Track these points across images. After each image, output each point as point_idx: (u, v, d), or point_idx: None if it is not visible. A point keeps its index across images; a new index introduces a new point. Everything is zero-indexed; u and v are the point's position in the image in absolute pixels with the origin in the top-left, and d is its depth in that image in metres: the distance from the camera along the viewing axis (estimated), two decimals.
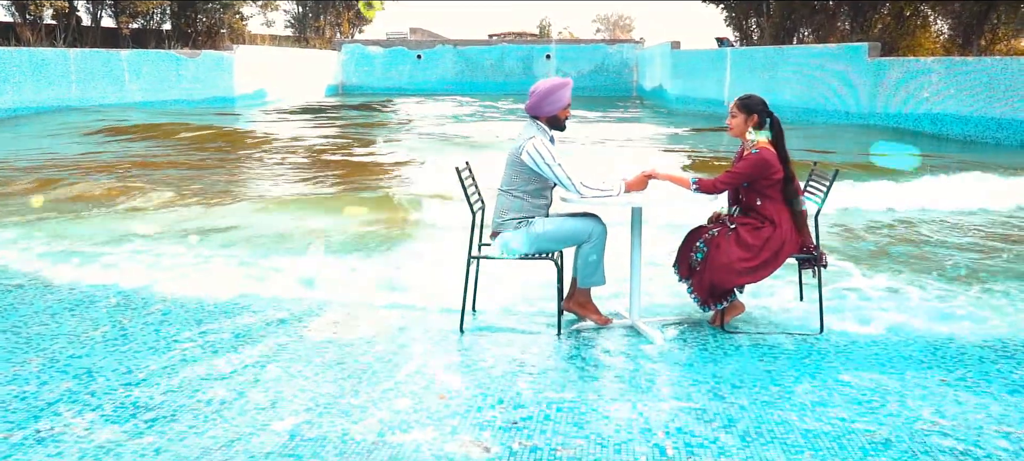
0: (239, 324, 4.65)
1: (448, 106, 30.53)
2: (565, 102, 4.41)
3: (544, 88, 4.38)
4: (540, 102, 4.38)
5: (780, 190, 4.53)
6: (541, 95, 4.37)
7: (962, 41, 24.70)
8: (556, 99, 4.38)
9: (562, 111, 4.43)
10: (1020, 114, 16.89)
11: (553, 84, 4.38)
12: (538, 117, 4.42)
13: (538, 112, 4.41)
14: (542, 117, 4.42)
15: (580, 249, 4.50)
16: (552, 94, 4.37)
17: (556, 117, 4.44)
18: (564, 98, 4.40)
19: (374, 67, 44.43)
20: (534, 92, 4.40)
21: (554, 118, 4.43)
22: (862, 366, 4.01)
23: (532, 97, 4.40)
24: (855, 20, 28.96)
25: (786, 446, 3.12)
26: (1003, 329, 4.60)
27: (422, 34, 58.04)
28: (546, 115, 4.41)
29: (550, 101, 4.37)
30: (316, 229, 7.39)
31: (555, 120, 4.44)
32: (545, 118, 4.42)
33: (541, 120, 4.43)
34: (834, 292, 5.29)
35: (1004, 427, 3.31)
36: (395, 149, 15.41)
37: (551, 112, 4.41)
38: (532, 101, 4.40)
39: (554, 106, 4.39)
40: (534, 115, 4.43)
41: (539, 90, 4.39)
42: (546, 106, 4.38)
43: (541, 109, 4.39)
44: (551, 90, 4.37)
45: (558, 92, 4.38)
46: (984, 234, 7.43)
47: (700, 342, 4.38)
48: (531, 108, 4.42)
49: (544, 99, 4.37)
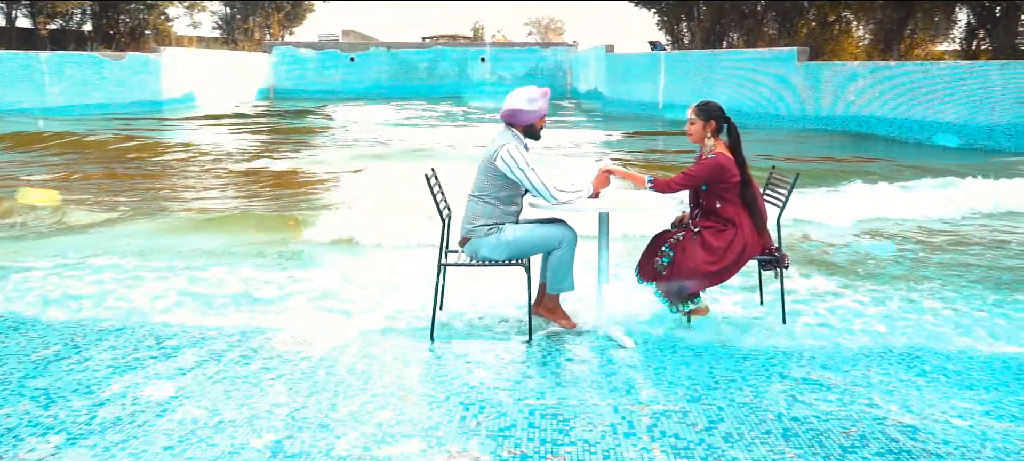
0: (197, 339, 4.50)
1: (385, 111, 30.17)
2: (542, 112, 4.41)
3: (522, 96, 4.36)
4: (518, 110, 4.36)
5: (738, 193, 4.62)
6: (519, 103, 4.35)
7: (883, 46, 25.70)
8: (533, 109, 4.37)
9: (539, 121, 4.43)
10: (940, 116, 17.67)
11: (530, 94, 4.37)
12: (514, 125, 4.41)
13: (514, 120, 4.39)
14: (518, 125, 4.41)
15: (550, 255, 4.51)
16: (530, 103, 4.35)
17: (532, 126, 4.43)
18: (541, 108, 4.39)
19: (306, 70, 43.72)
20: (511, 100, 4.38)
21: (530, 127, 4.43)
22: (827, 365, 4.13)
23: (508, 105, 4.38)
24: (782, 25, 29.86)
25: (770, 446, 3.19)
26: (944, 328, 4.80)
27: (354, 36, 57.37)
28: (522, 124, 4.40)
29: (528, 110, 4.36)
30: (255, 242, 7.12)
31: (531, 129, 4.43)
32: (521, 126, 4.41)
33: (517, 128, 4.41)
34: (790, 293, 5.42)
35: (965, 421, 3.45)
36: (333, 159, 14.92)
37: (528, 121, 4.40)
38: (508, 108, 4.38)
39: (531, 116, 4.38)
40: (509, 123, 4.41)
41: (516, 98, 4.37)
42: (523, 115, 4.37)
43: (518, 117, 4.37)
44: (529, 99, 4.36)
45: (536, 101, 4.36)
46: (916, 238, 7.74)
47: (669, 344, 4.44)
48: (507, 116, 4.40)
49: (522, 107, 4.35)
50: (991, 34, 23.01)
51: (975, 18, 23.70)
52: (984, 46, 23.57)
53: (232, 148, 16.70)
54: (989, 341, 4.54)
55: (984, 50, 23.44)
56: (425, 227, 7.18)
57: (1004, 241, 7.42)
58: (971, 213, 8.81)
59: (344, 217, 8.40)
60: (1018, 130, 16.06)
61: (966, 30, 24.53)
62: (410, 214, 7.82)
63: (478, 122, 25.13)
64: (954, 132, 17.23)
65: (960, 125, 17.17)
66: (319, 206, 9.49)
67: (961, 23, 25.12)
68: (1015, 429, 3.36)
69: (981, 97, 16.74)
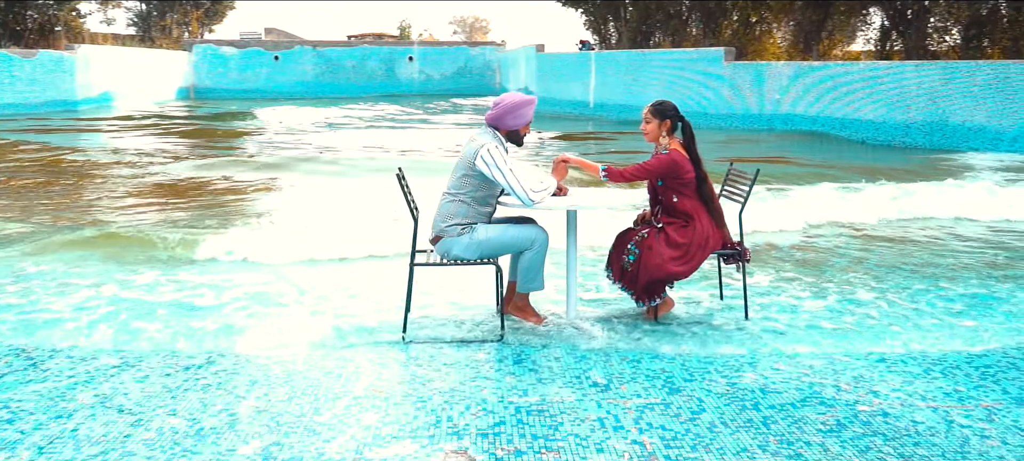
0: (161, 347, 4.37)
1: (313, 112, 29.48)
2: (528, 119, 4.47)
3: (511, 102, 4.40)
4: (504, 115, 4.40)
5: (694, 190, 4.75)
6: (506, 108, 4.39)
7: (803, 47, 26.65)
8: (520, 115, 4.42)
9: (524, 128, 4.49)
10: (859, 114, 18.43)
11: (520, 100, 4.42)
12: (498, 129, 4.44)
13: (500, 124, 4.43)
14: (503, 130, 4.45)
15: (522, 255, 4.53)
16: (518, 110, 4.40)
17: (517, 132, 4.48)
18: (528, 115, 4.46)
19: (228, 69, 42.61)
20: (499, 104, 4.41)
21: (515, 132, 4.48)
22: (793, 355, 4.28)
23: (496, 109, 4.41)
24: (706, 26, 30.63)
25: (754, 433, 3.29)
26: (895, 322, 5.04)
27: (278, 34, 56.23)
28: (508, 128, 4.44)
29: (515, 116, 4.40)
30: (185, 253, 6.80)
31: (515, 135, 4.49)
32: (506, 131, 4.45)
33: (501, 133, 4.44)
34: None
35: (932, 403, 3.63)
36: (262, 165, 13.62)
37: (513, 126, 4.44)
38: (496, 112, 4.42)
39: (518, 121, 4.43)
40: (495, 126, 4.44)
41: (505, 103, 4.41)
42: (510, 119, 4.41)
43: (503, 122, 4.42)
44: (517, 106, 4.40)
45: (523, 108, 4.42)
46: (860, 236, 8.08)
47: (639, 338, 4.52)
48: (494, 119, 4.43)
49: (509, 113, 4.40)
50: (903, 35, 24.12)
51: (888, 20, 24.81)
52: (897, 47, 24.70)
53: (152, 150, 16.15)
54: (938, 332, 4.77)
55: (897, 51, 24.56)
56: (375, 232, 7.12)
57: (936, 238, 7.81)
58: (903, 213, 9.24)
59: (283, 225, 8.25)
60: (932, 127, 16.89)
61: (880, 31, 25.66)
62: (358, 219, 7.73)
63: (408, 124, 24.85)
64: (874, 129, 18.01)
65: (879, 123, 17.95)
66: (250, 214, 9.27)
67: (875, 25, 26.27)
68: (974, 409, 3.55)
69: (897, 96, 17.54)
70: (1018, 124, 15.42)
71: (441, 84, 44.98)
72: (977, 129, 16.11)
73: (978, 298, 5.41)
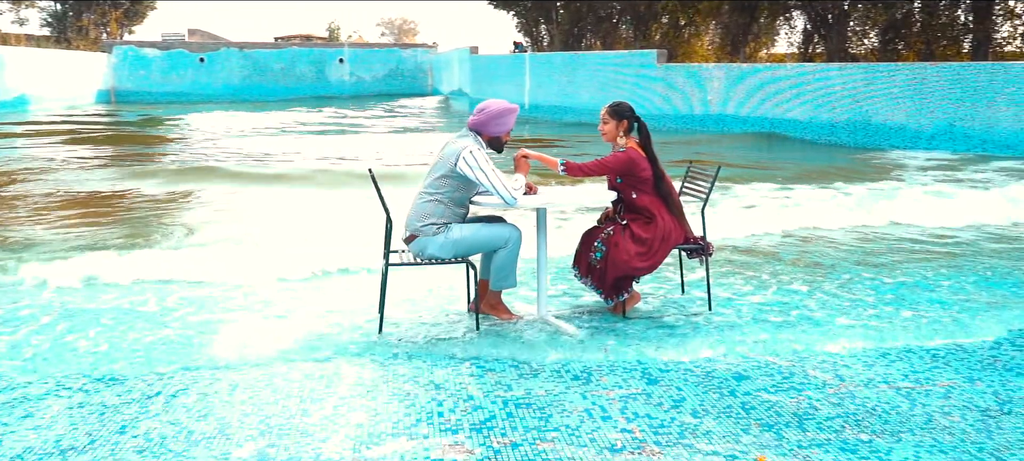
0: (132, 356, 4.27)
1: (241, 118, 28.66)
2: (510, 126, 4.58)
3: (495, 109, 4.49)
4: (488, 121, 4.49)
5: (652, 187, 4.91)
6: (491, 114, 4.48)
7: (730, 49, 27.42)
8: (504, 122, 4.53)
9: (506, 134, 4.59)
10: (788, 114, 19.10)
11: (503, 107, 4.51)
12: (481, 134, 4.51)
13: (483, 130, 4.51)
14: (485, 135, 4.53)
15: (495, 254, 4.60)
16: (502, 117, 4.50)
17: (498, 138, 4.58)
18: (510, 123, 4.57)
19: (151, 71, 41.29)
20: (483, 110, 4.49)
21: (496, 139, 4.57)
22: (759, 342, 4.46)
23: (480, 114, 4.49)
24: (637, 28, 31.21)
25: (735, 418, 3.43)
26: (847, 304, 5.30)
27: (202, 35, 54.77)
28: (491, 134, 4.53)
29: (498, 122, 4.50)
30: (134, 271, 6.57)
31: (497, 141, 4.58)
32: (488, 137, 4.53)
33: (483, 138, 4.52)
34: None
35: (894, 385, 3.85)
36: (197, 183, 11.75)
37: (496, 133, 4.53)
38: (480, 118, 4.49)
39: (501, 128, 4.54)
40: (477, 131, 4.50)
41: (489, 109, 4.50)
42: (493, 126, 4.50)
43: (487, 127, 4.50)
44: (502, 113, 4.49)
45: (507, 116, 4.52)
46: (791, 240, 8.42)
47: (610, 332, 4.64)
48: (477, 124, 4.51)
49: (493, 119, 4.49)
50: (824, 38, 25.07)
51: (810, 23, 25.75)
52: (819, 49, 25.65)
53: (68, 157, 15.56)
54: (886, 320, 5.04)
55: (819, 53, 25.50)
56: (335, 240, 7.09)
57: (870, 237, 8.19)
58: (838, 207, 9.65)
59: (225, 236, 8.10)
60: (856, 126, 17.63)
61: (803, 35, 26.61)
62: (315, 228, 7.65)
63: (338, 132, 24.42)
64: (802, 128, 18.69)
65: (806, 122, 18.63)
66: (181, 225, 9.06)
67: (798, 28, 27.22)
68: (932, 389, 3.78)
69: (823, 97, 18.24)
70: (935, 124, 16.23)
71: (373, 86, 44.58)
72: (898, 128, 16.88)
73: (919, 287, 5.71)
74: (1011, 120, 15.04)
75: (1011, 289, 5.65)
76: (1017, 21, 21.69)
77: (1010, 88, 14.99)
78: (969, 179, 12.03)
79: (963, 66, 16.18)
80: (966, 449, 3.15)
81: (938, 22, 22.65)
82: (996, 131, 15.27)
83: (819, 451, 3.13)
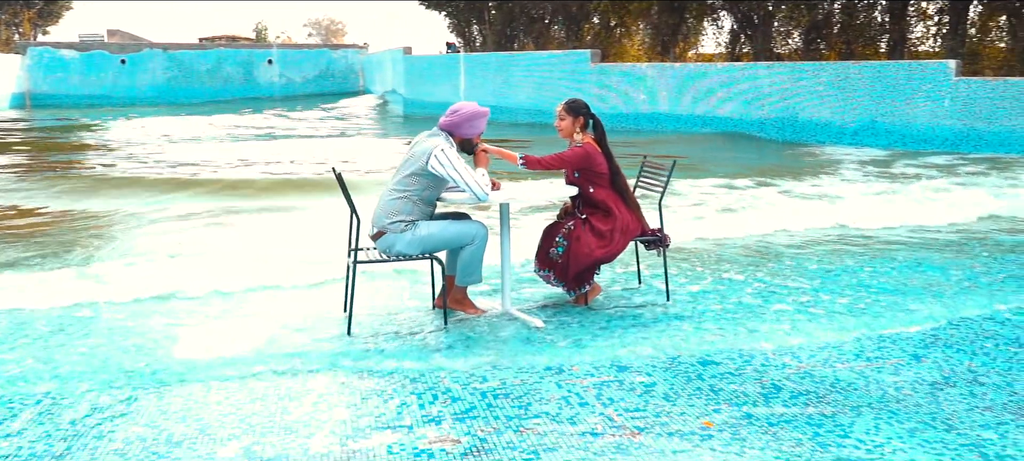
0: (96, 366, 4.19)
1: (170, 122, 27.70)
2: (482, 130, 4.66)
3: (468, 111, 4.57)
4: (462, 123, 4.56)
5: (609, 181, 5.06)
6: (465, 117, 4.55)
7: (660, 49, 28.01)
8: (475, 125, 4.61)
9: (477, 137, 4.67)
10: (719, 112, 19.64)
11: (477, 111, 4.59)
12: (453, 135, 4.57)
13: (456, 131, 4.57)
14: (458, 137, 4.58)
15: (462, 250, 4.66)
16: (474, 119, 4.58)
17: (470, 140, 4.65)
18: (482, 126, 4.65)
19: (69, 73, 39.73)
20: (456, 112, 4.55)
21: (468, 141, 4.64)
22: (719, 326, 4.64)
23: (453, 115, 4.55)
24: (569, 29, 31.58)
25: (706, 399, 3.59)
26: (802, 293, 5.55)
27: (122, 36, 52.95)
28: (462, 136, 4.61)
29: (471, 125, 4.58)
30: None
31: (468, 143, 4.65)
32: (460, 138, 4.59)
33: (454, 139, 4.58)
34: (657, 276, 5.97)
35: (847, 364, 4.07)
36: (125, 198, 10.59)
37: (468, 135, 4.61)
38: (453, 119, 4.55)
39: (473, 131, 4.62)
40: (449, 132, 4.56)
41: (462, 112, 4.57)
42: (466, 128, 4.57)
43: (460, 129, 4.57)
44: (474, 115, 4.58)
45: (479, 119, 4.61)
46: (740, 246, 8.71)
47: (575, 323, 4.76)
48: (449, 126, 4.57)
49: (467, 121, 4.56)
50: (751, 38, 25.86)
51: (737, 24, 26.52)
52: (746, 49, 26.44)
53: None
54: (828, 305, 5.30)
55: (746, 53, 26.29)
56: (286, 249, 7.01)
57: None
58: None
59: (158, 249, 7.93)
60: (784, 123, 18.26)
61: (730, 34, 27.37)
62: (256, 237, 7.54)
63: (268, 137, 23.98)
64: (733, 125, 19.25)
65: (737, 119, 19.20)
66: (120, 239, 8.83)
67: (726, 28, 27.98)
68: (882, 367, 4.02)
69: (752, 95, 18.83)
70: (858, 119, 16.95)
71: (303, 87, 43.86)
72: (823, 124, 17.56)
73: (860, 275, 6.02)
74: (927, 116, 15.83)
75: (943, 274, 5.99)
76: (930, 22, 22.81)
77: (926, 85, 15.78)
78: (902, 174, 12.63)
79: (883, 65, 16.95)
80: (920, 419, 3.37)
81: (857, 23, 23.63)
82: (914, 127, 16.05)
83: (788, 427, 3.30)
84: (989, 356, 4.16)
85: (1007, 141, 14.76)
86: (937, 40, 22.21)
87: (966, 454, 3.06)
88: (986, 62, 20.88)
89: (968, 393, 3.66)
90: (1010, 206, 9.17)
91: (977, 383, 3.78)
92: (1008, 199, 9.70)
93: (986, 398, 3.60)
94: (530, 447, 3.13)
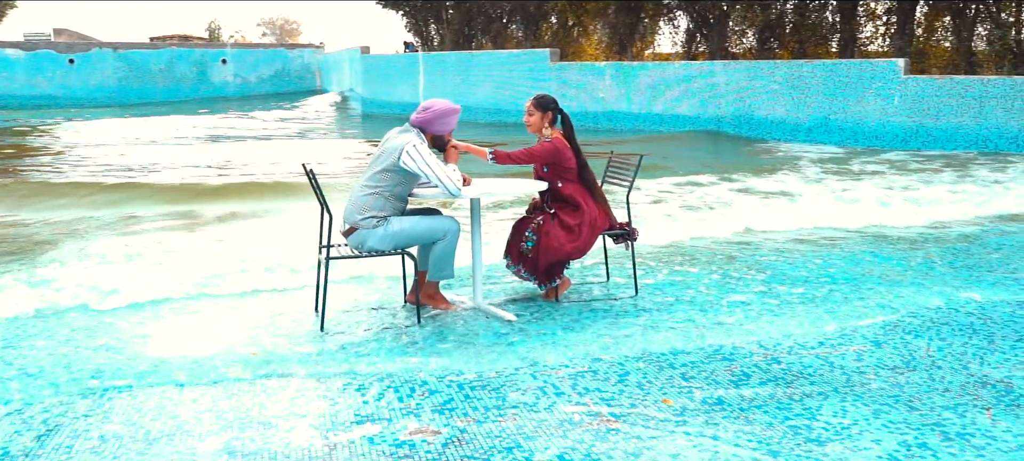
0: (61, 368, 4.13)
1: (124, 123, 27.17)
2: (453, 127, 4.69)
3: (440, 109, 4.59)
4: (434, 120, 4.58)
5: (577, 176, 5.14)
6: (437, 114, 4.57)
7: (618, 48, 28.26)
8: (447, 123, 4.63)
9: (448, 134, 4.69)
10: (677, 110, 19.91)
11: (447, 107, 4.61)
12: (425, 131, 4.58)
13: (427, 128, 4.59)
14: (429, 134, 4.60)
15: (434, 245, 4.69)
16: (446, 117, 4.60)
17: (441, 137, 4.67)
18: (453, 123, 4.67)
19: (14, 73, 38.64)
20: (428, 109, 4.57)
21: (439, 138, 4.66)
22: (687, 317, 4.75)
23: (425, 113, 4.56)
24: (527, 28, 31.68)
25: (679, 387, 3.67)
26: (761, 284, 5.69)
27: (70, 35, 51.63)
28: (434, 133, 4.62)
29: (443, 122, 4.60)
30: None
31: (439, 140, 4.67)
32: (431, 135, 4.61)
33: (426, 136, 4.60)
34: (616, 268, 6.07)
35: (812, 351, 4.20)
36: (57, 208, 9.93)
37: (440, 132, 4.63)
38: (424, 116, 4.57)
39: (444, 128, 4.64)
40: (421, 128, 4.57)
41: (434, 109, 4.58)
42: (438, 125, 4.58)
43: (432, 126, 4.58)
44: (446, 113, 4.60)
45: (450, 116, 4.63)
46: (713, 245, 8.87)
47: (546, 316, 4.82)
48: (421, 122, 4.58)
49: (438, 118, 4.58)
50: (707, 38, 26.24)
51: (693, 23, 26.89)
52: (701, 48, 26.82)
53: None
54: (788, 297, 5.44)
55: (702, 52, 26.67)
56: (246, 251, 6.96)
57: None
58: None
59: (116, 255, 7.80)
60: (740, 120, 18.59)
61: (686, 34, 27.74)
62: (222, 240, 7.46)
63: (231, 139, 23.68)
64: (691, 123, 19.52)
65: (694, 117, 19.48)
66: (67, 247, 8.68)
67: (682, 28, 28.33)
68: (845, 353, 4.15)
69: (709, 93, 19.13)
70: (811, 117, 17.33)
71: (258, 87, 43.30)
72: (778, 122, 17.92)
73: (817, 266, 6.19)
74: (878, 113, 16.26)
75: (900, 266, 6.19)
76: (879, 22, 23.39)
77: (877, 83, 16.21)
78: (858, 170, 12.96)
79: (835, 64, 17.35)
80: (884, 401, 3.50)
81: (808, 22, 24.12)
82: (866, 124, 16.47)
83: (759, 411, 3.40)
84: (945, 341, 4.33)
85: (954, 137, 15.23)
86: (886, 40, 22.79)
87: (928, 433, 3.18)
88: (932, 61, 21.50)
89: (927, 376, 3.80)
90: (961, 200, 9.50)
91: (935, 367, 3.93)
92: (959, 195, 10.04)
93: (944, 380, 3.75)
94: (510, 435, 3.17)
